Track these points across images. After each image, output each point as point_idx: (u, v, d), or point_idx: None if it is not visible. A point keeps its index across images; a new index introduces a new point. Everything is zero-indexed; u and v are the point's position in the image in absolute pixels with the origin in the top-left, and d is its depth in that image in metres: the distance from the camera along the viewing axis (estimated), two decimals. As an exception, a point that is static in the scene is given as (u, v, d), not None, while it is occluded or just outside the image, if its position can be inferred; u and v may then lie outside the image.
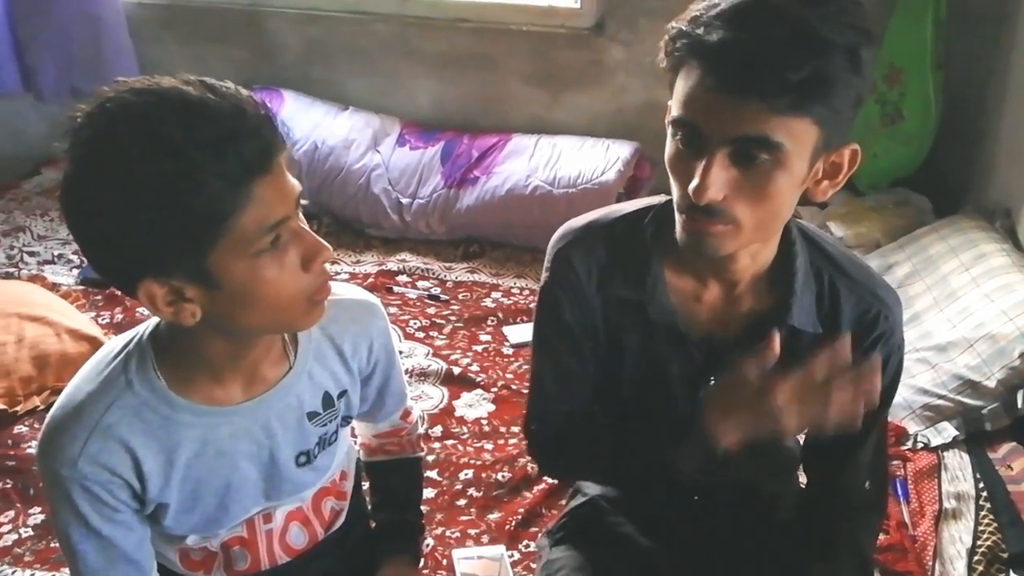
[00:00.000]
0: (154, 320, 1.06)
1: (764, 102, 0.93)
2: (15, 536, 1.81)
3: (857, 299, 1.16)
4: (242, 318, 0.97)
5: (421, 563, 1.52)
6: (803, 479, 1.43)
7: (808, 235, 1.18)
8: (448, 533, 1.85)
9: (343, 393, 1.19)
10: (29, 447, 2.00)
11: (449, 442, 2.11)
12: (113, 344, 1.07)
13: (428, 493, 1.91)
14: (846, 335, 1.05)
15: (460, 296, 2.74)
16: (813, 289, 1.17)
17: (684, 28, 0.97)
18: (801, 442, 1.45)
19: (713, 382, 1.20)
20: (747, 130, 0.95)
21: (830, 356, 1.03)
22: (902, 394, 1.65)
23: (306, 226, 0.98)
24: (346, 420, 1.23)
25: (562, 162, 2.95)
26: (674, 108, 1.01)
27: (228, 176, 0.87)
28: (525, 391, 2.22)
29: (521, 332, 2.51)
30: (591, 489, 1.46)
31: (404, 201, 3.00)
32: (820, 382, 1.03)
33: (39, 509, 1.87)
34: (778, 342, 1.05)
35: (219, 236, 0.89)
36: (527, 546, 1.81)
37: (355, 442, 1.47)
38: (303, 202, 0.98)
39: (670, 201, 1.15)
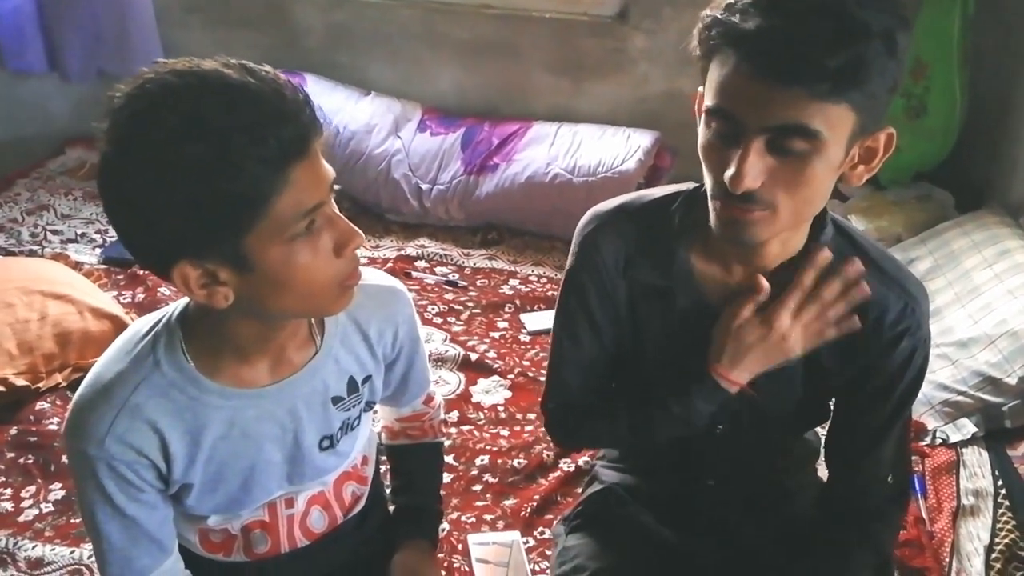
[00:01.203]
0: (183, 301, 1.06)
1: (804, 88, 0.93)
2: (36, 511, 1.82)
3: (885, 289, 1.16)
4: (274, 302, 0.98)
5: (438, 548, 1.53)
6: (823, 473, 1.42)
7: (839, 225, 1.18)
8: (463, 518, 1.85)
9: (367, 378, 1.20)
10: (51, 423, 2.02)
11: (465, 428, 2.11)
12: (141, 324, 1.07)
13: (444, 478, 1.91)
14: (823, 250, 1.13)
15: (478, 282, 2.74)
16: None
17: (719, 15, 0.97)
18: (822, 435, 1.44)
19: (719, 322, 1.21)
20: (785, 118, 0.95)
21: (816, 269, 1.13)
22: (922, 389, 1.64)
23: (338, 211, 0.99)
24: (369, 405, 1.24)
25: (582, 150, 2.94)
26: (708, 97, 1.01)
27: (267, 160, 0.87)
28: (542, 379, 2.23)
29: (538, 319, 2.51)
30: (608, 477, 1.46)
31: (424, 187, 3.01)
32: (812, 298, 1.14)
33: (60, 485, 1.88)
34: (766, 283, 1.13)
35: (256, 220, 0.89)
36: (542, 533, 1.82)
37: (375, 422, 1.48)
38: (336, 187, 0.98)
39: (698, 188, 1.15)
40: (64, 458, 1.90)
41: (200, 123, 0.85)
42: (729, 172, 0.98)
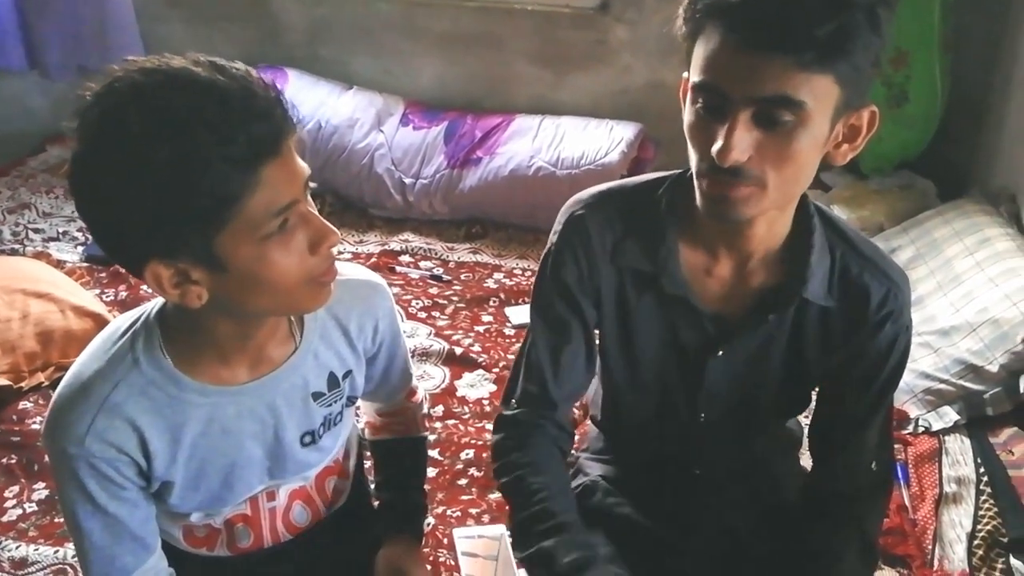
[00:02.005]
0: (161, 299, 1.06)
1: (790, 58, 0.94)
2: (19, 511, 1.82)
3: (868, 276, 1.17)
4: (249, 300, 0.98)
5: (423, 542, 1.53)
6: (806, 463, 1.43)
7: (822, 213, 1.19)
8: (449, 512, 1.86)
9: (348, 374, 1.19)
10: (34, 423, 2.01)
11: (450, 422, 2.12)
12: (120, 322, 1.07)
13: (429, 472, 1.91)
14: None
15: (462, 276, 2.74)
16: (827, 262, 1.17)
17: None
18: (804, 425, 1.45)
19: (721, 353, 1.21)
20: (771, 89, 0.95)
21: None
22: (904, 378, 1.65)
23: (314, 209, 0.98)
24: (351, 400, 1.23)
25: (565, 143, 2.95)
26: (694, 74, 1.01)
27: (236, 159, 0.87)
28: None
29: (523, 313, 2.51)
30: (592, 469, 1.45)
31: (407, 181, 3.00)
32: None
33: (43, 484, 1.88)
34: None
35: (226, 219, 0.89)
36: (528, 526, 1.82)
37: (358, 420, 1.48)
38: (311, 185, 0.98)
39: (684, 172, 1.15)
40: (47, 458, 1.90)
41: (167, 122, 0.85)
42: (716, 145, 0.99)
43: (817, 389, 1.33)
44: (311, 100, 3.09)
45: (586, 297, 1.22)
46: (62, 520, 1.76)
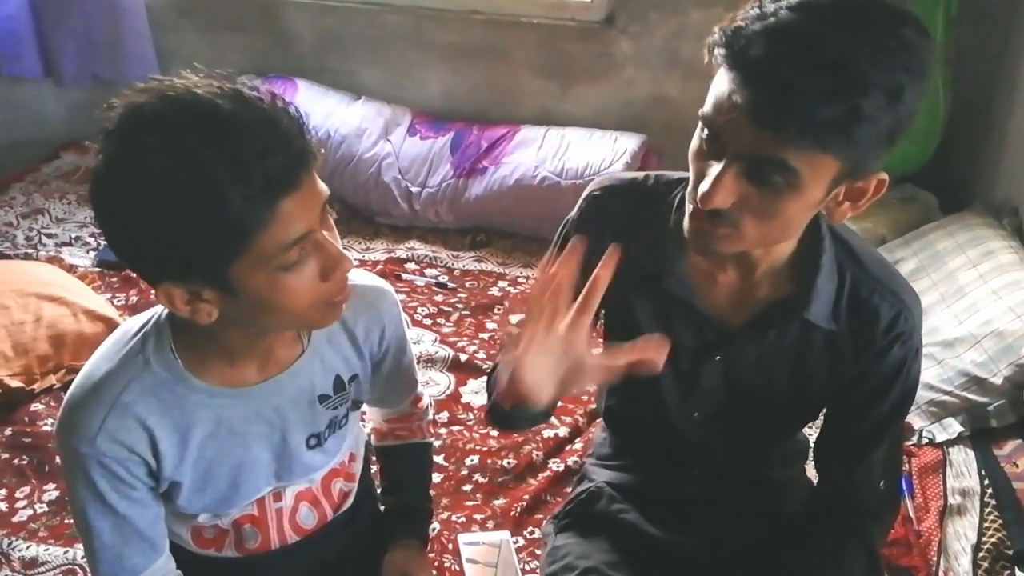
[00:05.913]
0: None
1: (787, 136, 0.91)
2: (30, 512, 1.84)
3: (878, 298, 1.16)
4: (259, 320, 0.99)
5: (428, 547, 1.54)
6: (811, 473, 1.43)
7: (835, 232, 1.17)
8: (454, 518, 1.87)
9: (354, 377, 1.21)
10: (45, 424, 2.03)
11: (455, 428, 2.13)
12: (131, 324, 1.08)
13: (434, 478, 1.92)
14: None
15: (467, 284, 2.76)
16: (834, 284, 1.16)
17: (727, 36, 0.95)
18: (810, 436, 1.45)
19: (719, 359, 1.21)
20: (764, 152, 0.94)
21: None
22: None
23: (332, 231, 0.99)
24: (356, 404, 1.25)
25: (570, 153, 2.97)
26: (706, 103, 0.99)
27: (252, 195, 0.87)
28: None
29: (528, 321, 2.52)
30: (597, 475, 1.47)
31: (414, 190, 3.02)
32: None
33: (54, 485, 1.89)
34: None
35: (240, 251, 0.90)
36: (532, 532, 1.83)
37: (365, 426, 1.49)
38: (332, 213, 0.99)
39: None
40: (58, 459, 1.92)
41: (185, 156, 0.85)
42: (702, 187, 0.99)
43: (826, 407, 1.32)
44: (320, 110, 3.11)
45: (589, 273, 1.23)
46: (72, 521, 1.77)
